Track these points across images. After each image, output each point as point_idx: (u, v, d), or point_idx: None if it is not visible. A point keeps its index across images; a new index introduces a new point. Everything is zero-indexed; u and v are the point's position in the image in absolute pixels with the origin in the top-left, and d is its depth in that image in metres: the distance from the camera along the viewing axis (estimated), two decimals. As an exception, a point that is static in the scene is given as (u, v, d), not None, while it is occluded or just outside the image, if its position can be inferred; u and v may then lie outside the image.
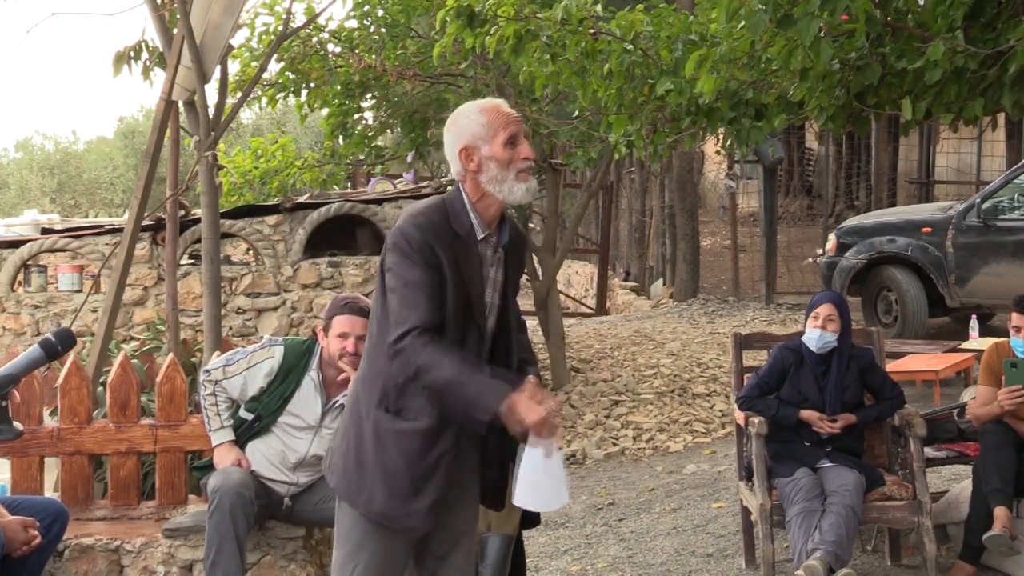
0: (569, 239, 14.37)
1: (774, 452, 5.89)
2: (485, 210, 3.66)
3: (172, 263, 8.10)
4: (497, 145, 3.61)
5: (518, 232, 3.87)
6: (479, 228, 3.63)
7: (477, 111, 3.67)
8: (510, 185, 3.61)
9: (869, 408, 6.01)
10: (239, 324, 12.05)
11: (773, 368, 6.06)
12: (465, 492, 3.78)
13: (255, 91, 11.70)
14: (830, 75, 6.29)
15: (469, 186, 3.66)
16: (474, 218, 3.63)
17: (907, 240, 12.66)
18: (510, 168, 3.61)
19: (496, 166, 3.61)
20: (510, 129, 3.63)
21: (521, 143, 3.65)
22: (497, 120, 3.63)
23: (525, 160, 3.63)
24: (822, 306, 6.00)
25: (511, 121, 3.66)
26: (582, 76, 7.39)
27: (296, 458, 5.20)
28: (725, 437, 9.89)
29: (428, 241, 3.51)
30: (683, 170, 18.61)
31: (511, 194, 3.62)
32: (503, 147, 3.61)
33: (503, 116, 3.65)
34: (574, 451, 9.99)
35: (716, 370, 12.21)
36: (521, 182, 3.62)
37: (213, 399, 5.22)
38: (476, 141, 3.62)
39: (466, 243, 3.60)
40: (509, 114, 3.68)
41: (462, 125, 3.66)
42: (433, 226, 3.56)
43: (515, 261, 3.82)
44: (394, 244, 3.55)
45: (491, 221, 3.68)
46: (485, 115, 3.64)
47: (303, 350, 5.25)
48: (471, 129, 3.64)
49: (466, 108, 3.72)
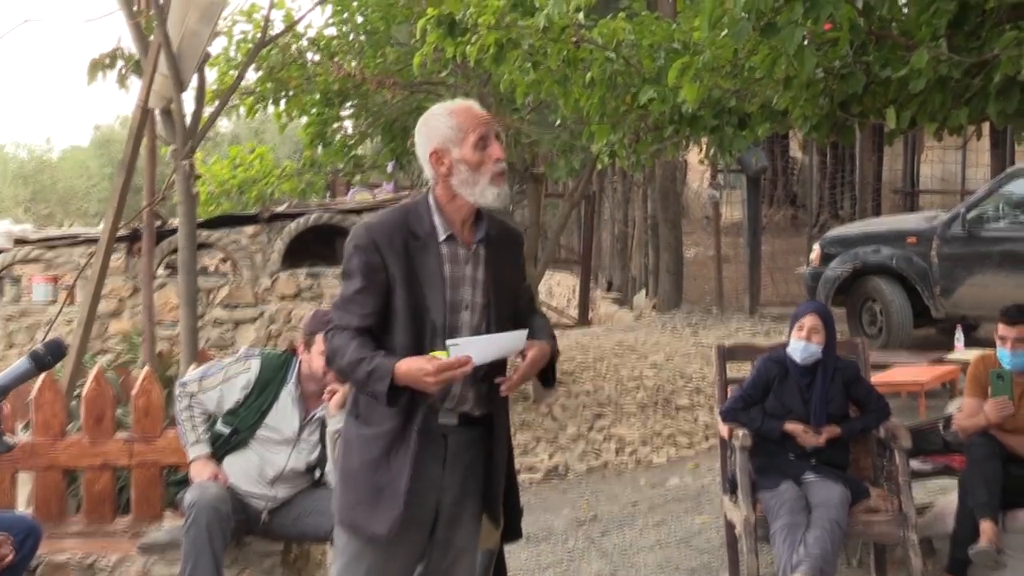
0: (551, 249, 14.38)
1: (758, 465, 5.88)
2: (455, 212, 3.67)
3: (148, 274, 8.07)
4: (467, 147, 3.61)
5: (504, 228, 3.86)
6: (441, 228, 3.64)
7: (446, 113, 3.67)
8: (482, 188, 3.62)
9: (854, 420, 6.00)
10: (216, 336, 12.02)
11: (757, 380, 6.05)
12: (466, 508, 3.78)
13: (233, 100, 11.68)
14: (814, 84, 6.31)
15: (440, 189, 3.67)
16: (437, 219, 3.65)
17: (892, 250, 12.69)
18: (481, 171, 3.61)
19: (467, 169, 3.61)
20: (480, 130, 3.63)
21: (492, 144, 3.65)
22: (467, 122, 3.64)
23: (497, 161, 3.63)
24: (806, 317, 5.99)
25: (481, 122, 3.66)
26: (564, 85, 7.39)
27: (274, 472, 5.19)
28: (709, 450, 9.88)
29: (374, 239, 3.56)
30: (666, 179, 18.64)
31: (483, 197, 3.62)
32: (473, 149, 3.61)
33: (473, 117, 3.66)
34: (556, 464, 9.98)
35: (700, 382, 12.20)
36: (495, 186, 3.63)
37: (189, 412, 5.20)
38: (446, 144, 3.63)
39: (424, 243, 3.62)
40: (479, 115, 3.68)
41: (432, 127, 3.67)
42: (384, 225, 3.61)
43: (504, 258, 3.80)
44: (349, 245, 3.62)
45: (462, 222, 3.69)
46: (455, 117, 3.65)
47: (280, 363, 5.24)
48: (441, 132, 3.64)
49: (436, 110, 3.72)
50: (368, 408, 3.63)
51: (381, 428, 3.59)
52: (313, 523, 5.14)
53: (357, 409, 3.68)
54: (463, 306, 3.67)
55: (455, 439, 3.71)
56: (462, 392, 3.68)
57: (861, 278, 12.94)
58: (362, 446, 3.63)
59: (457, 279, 3.66)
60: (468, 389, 3.69)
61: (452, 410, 3.69)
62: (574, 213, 21.05)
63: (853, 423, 5.99)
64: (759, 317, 16.82)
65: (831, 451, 5.90)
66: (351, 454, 3.67)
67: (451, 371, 3.42)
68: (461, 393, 3.68)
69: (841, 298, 13.13)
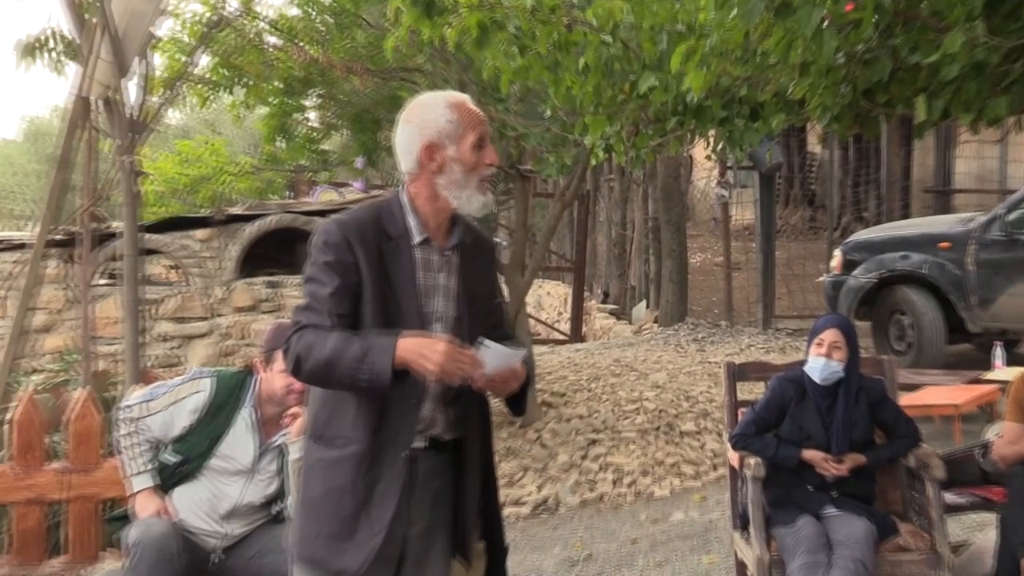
0: (540, 256, 14.38)
1: (773, 498, 5.88)
2: (434, 214, 3.69)
3: (86, 284, 8.05)
4: (466, 147, 3.64)
5: (478, 236, 3.89)
6: (416, 231, 3.66)
7: (445, 105, 3.69)
8: (469, 194, 3.65)
9: (881, 447, 6.01)
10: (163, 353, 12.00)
11: (771, 402, 6.05)
12: (435, 544, 3.76)
13: (183, 88, 11.66)
14: (834, 70, 6.31)
15: (419, 186, 3.68)
16: (412, 220, 3.67)
17: (922, 256, 12.71)
18: (473, 174, 3.65)
19: (461, 170, 3.64)
20: (479, 130, 3.68)
21: (488, 147, 3.69)
22: (468, 119, 3.67)
23: (490, 167, 3.67)
24: (827, 331, 6.00)
25: (480, 121, 3.71)
26: (554, 71, 7.39)
27: (227, 506, 5.17)
28: (717, 481, 9.88)
29: (347, 237, 3.56)
30: (669, 177, 18.67)
31: (468, 203, 3.66)
32: (472, 150, 3.65)
33: (473, 115, 3.70)
34: (545, 497, 9.97)
35: (707, 404, 12.21)
36: (481, 193, 3.67)
37: (132, 439, 5.19)
38: (443, 139, 3.65)
39: (397, 245, 3.63)
40: (478, 113, 3.72)
41: (428, 119, 3.67)
42: (357, 223, 3.61)
43: (478, 268, 3.83)
44: (312, 243, 3.60)
45: (438, 226, 3.71)
46: (455, 111, 3.67)
47: (236, 383, 5.23)
48: (439, 125, 3.65)
49: (431, 100, 3.73)
50: (331, 428, 3.62)
51: (346, 450, 3.58)
52: (271, 563, 5.12)
53: (318, 429, 3.66)
54: (434, 317, 3.68)
55: (424, 464, 3.70)
56: (432, 414, 3.69)
57: (888, 288, 12.97)
58: (326, 471, 3.62)
59: (429, 288, 3.68)
60: (439, 410, 3.71)
61: (422, 432, 3.69)
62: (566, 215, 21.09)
63: (879, 451, 5.99)
64: (773, 332, 16.84)
65: (855, 482, 5.90)
66: (313, 481, 3.65)
67: (465, 361, 3.43)
68: (431, 415, 3.69)
69: (866, 310, 13.16)
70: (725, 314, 18.37)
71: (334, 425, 3.61)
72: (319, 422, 3.66)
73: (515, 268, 12.67)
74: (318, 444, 3.66)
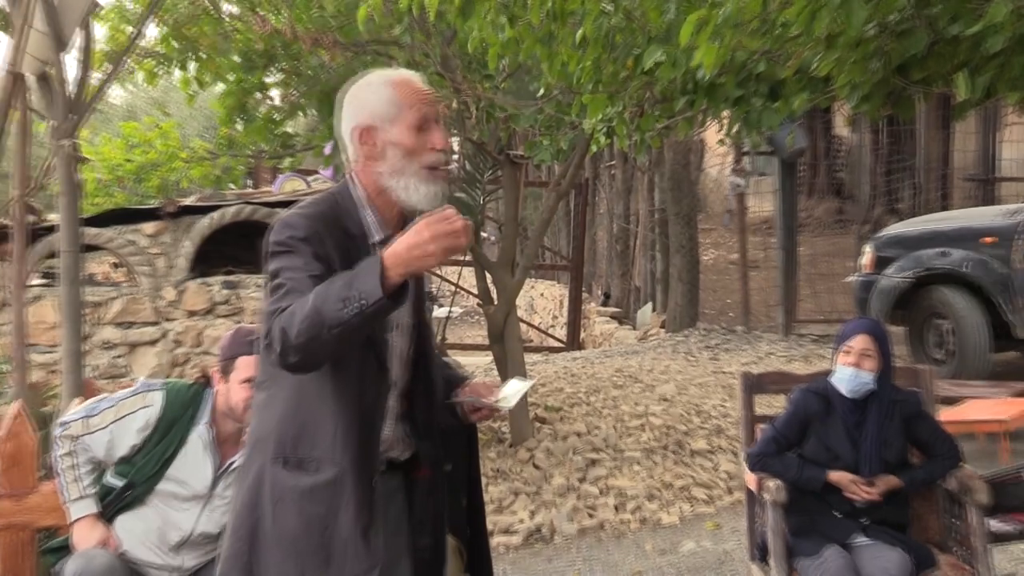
0: (532, 253, 14.37)
1: (796, 526, 5.89)
2: (385, 208, 3.70)
3: (19, 284, 8.03)
4: (403, 127, 3.65)
5: None
6: (375, 228, 3.68)
7: (383, 83, 3.71)
8: (410, 182, 3.64)
9: (917, 468, 6.02)
10: (106, 363, 11.99)
11: (793, 417, 6.06)
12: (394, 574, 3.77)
13: (128, 63, 11.64)
14: (864, 43, 6.32)
15: (366, 177, 3.70)
16: (370, 217, 3.68)
17: (964, 253, 12.73)
18: (414, 159, 3.64)
19: (399, 154, 3.64)
20: (422, 110, 3.67)
21: (434, 130, 3.68)
22: (407, 97, 3.68)
23: (437, 152, 3.65)
24: (856, 338, 6.00)
25: (424, 100, 3.70)
26: (548, 44, 7.40)
27: (179, 536, 5.17)
28: (732, 506, 9.90)
29: (318, 231, 3.52)
30: (677, 164, 18.69)
31: (410, 194, 3.65)
32: (411, 131, 3.64)
33: (415, 93, 3.70)
34: (539, 525, 9.97)
35: (721, 420, 12.23)
36: (426, 182, 3.64)
37: (71, 460, 5.18)
38: (377, 120, 3.67)
39: (357, 245, 3.62)
40: (423, 91, 3.72)
41: (362, 99, 3.71)
42: (323, 218, 3.59)
43: None
44: (275, 242, 3.55)
45: (392, 222, 3.72)
46: (393, 89, 3.68)
47: (189, 397, 5.22)
48: (373, 105, 3.68)
49: (370, 79, 3.76)
50: (301, 449, 3.59)
51: (321, 475, 3.56)
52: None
53: (284, 451, 3.61)
54: (393, 325, 3.71)
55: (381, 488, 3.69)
56: (392, 434, 3.73)
57: (925, 288, 12.99)
58: (302, 501, 3.57)
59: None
60: (398, 431, 3.74)
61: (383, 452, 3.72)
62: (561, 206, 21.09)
63: (915, 472, 6.00)
64: (795, 338, 16.87)
65: (888, 508, 5.91)
66: (286, 513, 3.59)
67: (454, 226, 3.28)
68: (392, 435, 3.73)
69: (900, 314, 13.18)
70: (741, 318, 18.41)
71: (304, 445, 3.58)
72: (285, 442, 3.61)
73: (504, 266, 12.65)
74: (286, 469, 3.60)
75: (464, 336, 25.59)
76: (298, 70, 12.36)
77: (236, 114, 12.54)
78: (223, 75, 12.29)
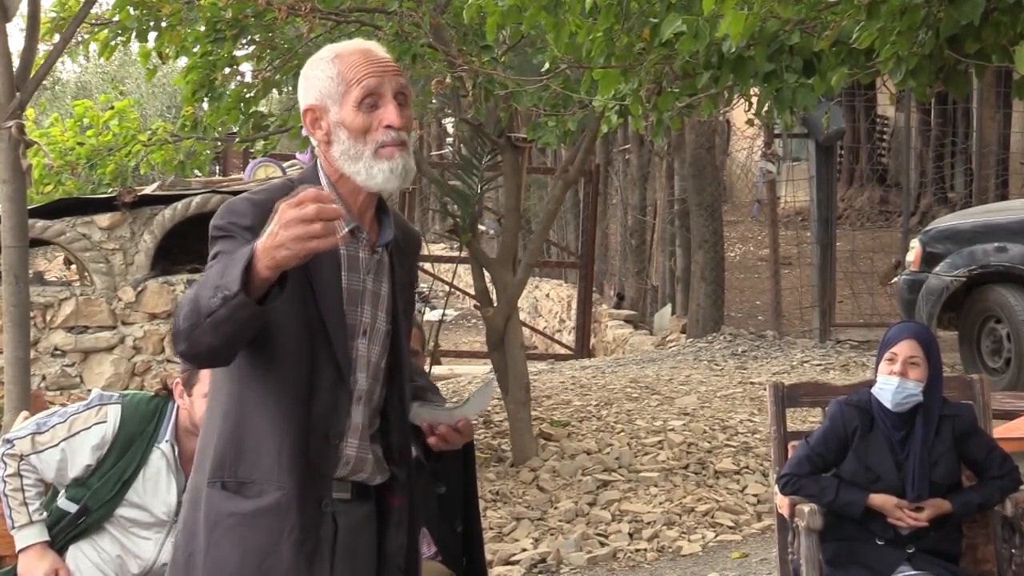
0: (536, 248, 14.37)
1: (833, 555, 5.90)
2: (349, 195, 3.68)
3: (-42, 284, 8.05)
4: (348, 107, 3.63)
5: (407, 230, 3.93)
6: None
7: (330, 58, 3.69)
8: (366, 164, 3.61)
9: (969, 491, 6.02)
10: (56, 372, 12.00)
11: (830, 433, 6.06)
12: None
13: (80, 34, 11.66)
14: (911, 11, 6.33)
15: (324, 162, 3.70)
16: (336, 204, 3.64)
17: (1023, 249, 12.73)
18: (365, 139, 3.62)
19: (348, 136, 3.63)
20: (367, 83, 3.63)
21: (385, 104, 3.64)
22: (351, 70, 3.64)
23: (388, 129, 3.61)
24: (901, 344, 6.00)
25: (371, 72, 3.65)
26: (554, 13, 7.41)
27: (140, 567, 5.18)
28: (762, 533, 9.92)
29: (264, 219, 3.36)
30: (700, 148, 18.70)
31: (369, 177, 3.61)
32: (355, 109, 3.62)
33: (361, 65, 3.65)
34: (543, 554, 9.98)
35: (748, 437, 12.24)
36: (381, 159, 3.61)
37: (18, 482, 5.18)
38: (324, 100, 3.66)
39: None
40: (372, 62, 3.67)
41: (310, 78, 3.71)
42: (274, 204, 3.38)
43: (406, 271, 3.87)
44: (216, 226, 3.56)
45: (361, 211, 3.71)
46: (337, 63, 3.67)
47: (149, 412, 5.22)
48: (320, 83, 3.67)
49: (321, 53, 3.75)
50: (241, 470, 3.57)
51: (263, 500, 3.55)
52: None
53: (223, 472, 3.59)
54: (359, 331, 3.69)
55: (346, 521, 3.70)
56: (359, 454, 3.70)
57: (980, 288, 12.98)
58: (241, 528, 3.56)
59: (355, 293, 3.68)
60: (367, 451, 3.72)
61: (344, 480, 3.69)
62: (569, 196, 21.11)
63: (968, 496, 6.00)
64: (833, 344, 16.88)
65: (936, 535, 5.91)
66: (223, 542, 3.57)
67: (319, 200, 3.18)
68: (358, 455, 3.70)
69: (951, 317, 13.18)
70: (772, 322, 18.41)
71: (244, 466, 3.57)
72: (224, 463, 3.59)
73: (505, 264, 12.65)
74: (224, 493, 3.59)
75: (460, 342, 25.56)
76: (272, 42, 12.36)
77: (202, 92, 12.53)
78: (187, 47, 12.29)
